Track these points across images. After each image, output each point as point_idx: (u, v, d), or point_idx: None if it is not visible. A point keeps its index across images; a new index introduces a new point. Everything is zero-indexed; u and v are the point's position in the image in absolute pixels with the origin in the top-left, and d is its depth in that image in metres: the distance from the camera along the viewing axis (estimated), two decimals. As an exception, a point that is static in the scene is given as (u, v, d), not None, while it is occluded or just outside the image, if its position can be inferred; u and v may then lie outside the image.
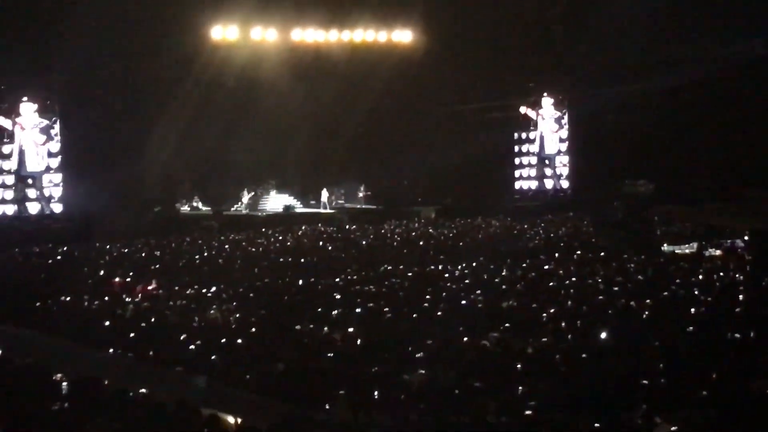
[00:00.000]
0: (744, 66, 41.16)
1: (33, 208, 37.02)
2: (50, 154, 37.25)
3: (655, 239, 30.87)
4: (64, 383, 12.94)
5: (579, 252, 28.55)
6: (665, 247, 29.11)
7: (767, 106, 41.18)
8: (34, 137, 36.99)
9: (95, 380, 12.87)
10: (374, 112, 43.25)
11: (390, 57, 43.74)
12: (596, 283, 22.49)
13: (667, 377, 13.30)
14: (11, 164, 36.55)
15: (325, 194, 44.45)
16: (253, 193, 43.82)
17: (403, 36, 44.62)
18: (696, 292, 20.51)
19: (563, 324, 17.08)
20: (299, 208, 44.45)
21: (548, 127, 46.97)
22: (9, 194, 36.54)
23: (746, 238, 28.53)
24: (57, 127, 37.34)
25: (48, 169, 37.21)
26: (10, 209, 36.54)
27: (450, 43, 42.92)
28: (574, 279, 22.95)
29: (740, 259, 26.42)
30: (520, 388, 12.96)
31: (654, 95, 43.21)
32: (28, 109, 36.84)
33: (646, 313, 18.22)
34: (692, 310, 18.18)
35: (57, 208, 37.41)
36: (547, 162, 47.10)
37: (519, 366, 14.17)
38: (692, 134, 43.54)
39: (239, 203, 43.53)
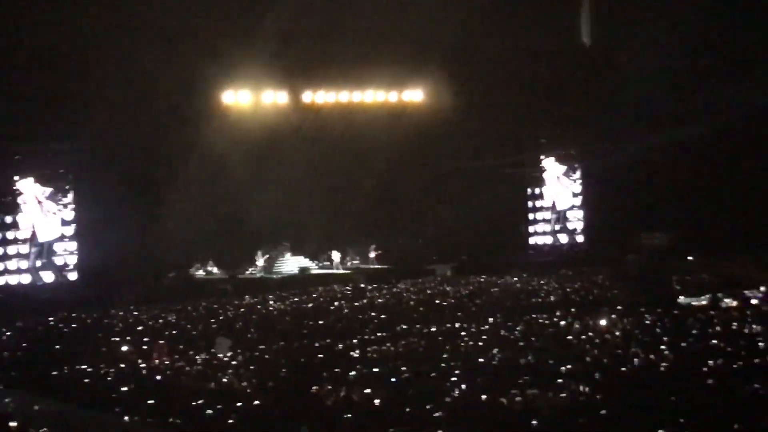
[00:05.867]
0: (761, 116, 41.15)
1: (47, 276, 37.15)
2: (64, 223, 37.44)
3: (671, 291, 30.73)
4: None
5: (595, 306, 28.41)
6: (681, 299, 28.94)
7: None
8: (47, 206, 37.20)
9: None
10: (387, 172, 43.36)
11: (402, 116, 44.01)
12: (614, 337, 22.39)
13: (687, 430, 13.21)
14: (25, 234, 36.73)
15: (336, 255, 44.39)
16: (267, 256, 43.79)
17: (414, 95, 44.91)
18: (715, 344, 20.40)
19: (582, 379, 16.98)
20: (315, 270, 44.39)
21: (559, 182, 47.04)
22: (24, 264, 36.69)
23: (763, 288, 28.34)
24: (71, 196, 37.57)
25: (62, 238, 37.38)
26: (26, 278, 36.69)
27: (461, 101, 43.12)
28: (591, 334, 22.84)
29: (756, 310, 26.24)
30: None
31: (670, 147, 43.18)
32: (41, 178, 37.10)
33: (665, 366, 18.12)
34: (710, 362, 18.05)
35: (72, 276, 37.55)
36: (560, 217, 47.11)
37: (536, 423, 14.09)
38: (708, 185, 43.54)
39: (254, 266, 43.49)
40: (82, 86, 35.42)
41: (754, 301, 27.44)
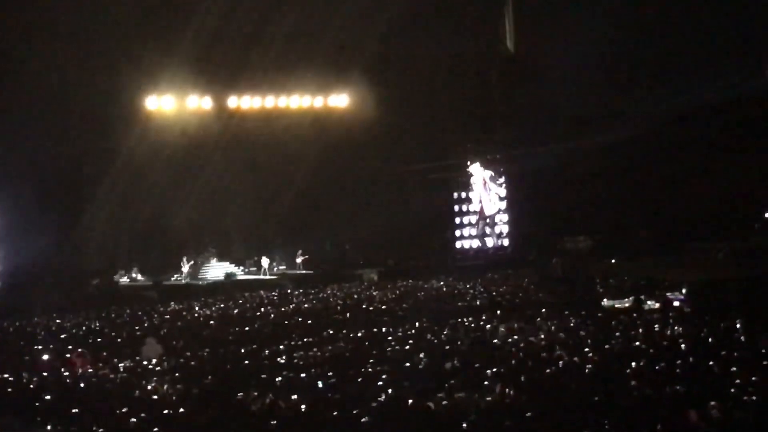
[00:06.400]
0: (679, 120, 41.83)
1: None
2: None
3: (595, 294, 31.07)
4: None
5: (521, 309, 28.64)
6: (605, 302, 29.28)
7: (702, 160, 41.94)
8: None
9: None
10: (313, 177, 43.33)
11: (327, 122, 44.05)
12: (539, 340, 22.57)
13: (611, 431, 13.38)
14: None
15: (265, 261, 44.27)
16: (193, 262, 43.51)
17: (340, 101, 45.00)
18: (637, 346, 20.66)
19: (507, 382, 17.09)
20: (241, 276, 44.20)
21: (486, 187, 47.35)
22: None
23: (684, 291, 28.77)
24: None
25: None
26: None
27: (387, 106, 43.28)
28: (516, 337, 23.01)
29: (678, 312, 26.65)
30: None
31: (591, 151, 43.69)
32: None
33: (589, 367, 18.31)
34: (633, 364, 18.26)
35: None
36: (487, 221, 47.43)
37: (465, 425, 14.16)
38: (630, 189, 44.13)
39: (179, 273, 43.19)
40: (5, 89, 34.90)
41: (676, 303, 27.84)
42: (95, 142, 38.69)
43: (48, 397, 18.13)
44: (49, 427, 15.88)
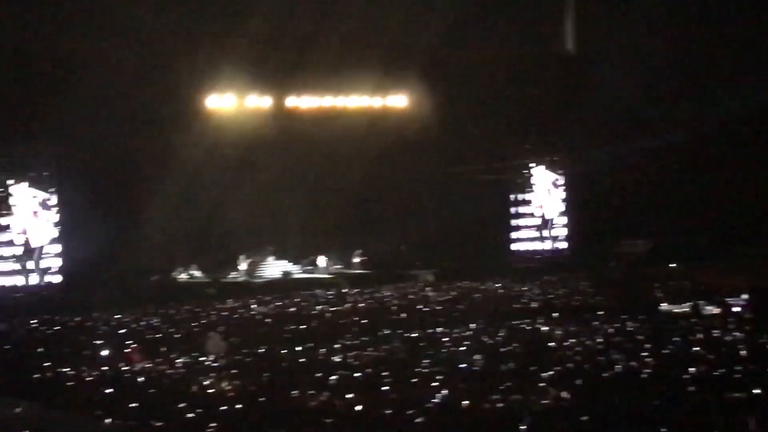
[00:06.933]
0: (740, 123, 41.36)
1: (33, 279, 37.00)
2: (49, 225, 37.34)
3: (653, 298, 30.83)
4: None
5: (577, 312, 28.50)
6: (663, 307, 29.04)
7: (765, 163, 41.44)
8: (35, 208, 37.05)
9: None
10: (370, 177, 43.38)
11: (385, 122, 44.08)
12: (595, 343, 22.46)
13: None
14: (12, 236, 36.55)
15: (323, 260, 44.38)
16: (251, 260, 43.74)
17: (398, 101, 45.02)
18: (696, 351, 20.50)
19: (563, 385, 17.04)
20: (297, 274, 44.34)
21: (545, 188, 47.06)
22: (7, 266, 36.46)
23: (745, 296, 28.41)
24: (54, 198, 37.40)
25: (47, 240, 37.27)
26: (12, 281, 36.49)
27: (445, 106, 43.22)
28: (573, 340, 22.91)
29: (737, 317, 26.35)
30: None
31: (651, 153, 43.32)
32: (28, 180, 36.97)
33: (646, 372, 18.21)
34: (691, 369, 18.12)
35: (55, 279, 37.36)
36: (544, 223, 47.13)
37: (519, 428, 14.15)
38: (689, 192, 43.70)
39: (237, 270, 43.44)
40: (63, 88, 35.35)
41: (735, 309, 27.53)
42: (158, 139, 39.09)
43: (108, 391, 18.38)
44: (108, 421, 16.10)
